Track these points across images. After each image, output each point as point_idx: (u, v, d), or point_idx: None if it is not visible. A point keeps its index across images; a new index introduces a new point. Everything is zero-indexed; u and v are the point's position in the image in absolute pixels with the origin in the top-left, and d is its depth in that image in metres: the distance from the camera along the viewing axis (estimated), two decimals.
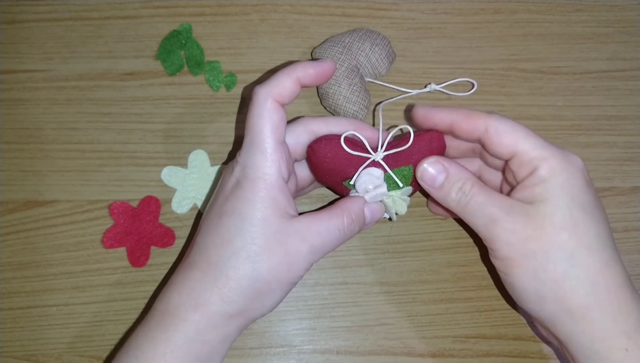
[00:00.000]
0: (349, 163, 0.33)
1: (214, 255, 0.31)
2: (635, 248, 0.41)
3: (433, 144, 0.33)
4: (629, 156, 0.42)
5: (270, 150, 0.30)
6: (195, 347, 0.30)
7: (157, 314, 0.31)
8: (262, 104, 0.31)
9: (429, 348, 0.39)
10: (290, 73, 0.31)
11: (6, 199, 0.39)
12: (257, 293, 0.30)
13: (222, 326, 0.30)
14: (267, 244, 0.30)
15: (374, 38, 0.39)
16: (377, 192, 0.33)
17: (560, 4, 0.44)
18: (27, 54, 0.41)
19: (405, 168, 0.33)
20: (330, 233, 0.32)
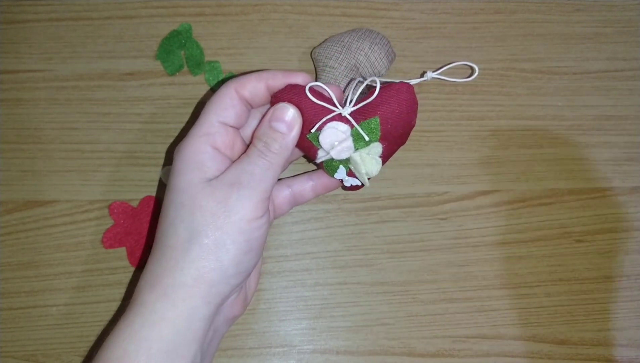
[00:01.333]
0: (314, 113, 0.32)
1: (157, 236, 0.31)
2: (635, 248, 0.41)
3: (401, 95, 0.32)
4: (629, 156, 0.42)
5: (207, 126, 0.31)
6: (154, 330, 0.28)
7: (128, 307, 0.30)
8: (221, 89, 0.32)
9: (429, 348, 0.39)
10: (260, 73, 0.32)
11: (6, 199, 0.39)
12: (200, 249, 0.29)
13: (181, 300, 0.29)
14: (194, 202, 0.30)
15: (374, 37, 0.39)
16: (343, 146, 0.32)
17: (560, 4, 0.44)
18: (27, 54, 0.41)
19: (372, 120, 0.32)
20: (252, 163, 0.31)
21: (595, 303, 0.40)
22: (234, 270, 0.30)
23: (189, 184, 0.30)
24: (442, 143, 0.41)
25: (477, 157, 0.41)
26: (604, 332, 0.40)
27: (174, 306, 0.29)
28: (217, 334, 0.32)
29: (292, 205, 0.37)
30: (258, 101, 0.33)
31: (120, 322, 0.29)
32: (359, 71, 0.39)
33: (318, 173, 0.37)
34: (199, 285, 0.29)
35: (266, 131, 0.32)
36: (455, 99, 0.42)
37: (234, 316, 0.33)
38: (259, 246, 0.31)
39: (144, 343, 0.28)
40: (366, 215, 0.40)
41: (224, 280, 0.30)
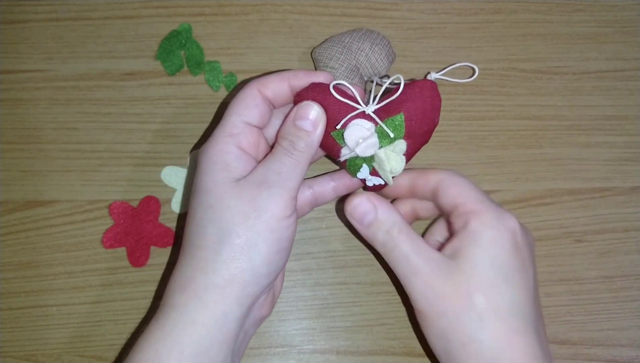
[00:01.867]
0: (337, 111, 0.32)
1: (186, 237, 0.31)
2: (635, 248, 0.41)
3: (425, 92, 0.32)
4: (629, 156, 0.42)
5: (230, 126, 0.31)
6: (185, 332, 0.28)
7: (158, 309, 0.30)
8: (243, 89, 0.32)
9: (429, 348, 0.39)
10: (282, 73, 0.32)
11: (6, 199, 0.39)
12: (231, 250, 0.29)
13: (213, 302, 0.29)
14: (222, 202, 0.29)
15: (374, 38, 0.39)
16: (367, 143, 0.32)
17: (560, 4, 0.44)
18: (27, 54, 0.41)
19: (397, 116, 0.32)
20: (278, 161, 0.31)
21: (595, 303, 0.40)
22: (266, 270, 0.30)
23: (216, 184, 0.30)
24: (442, 143, 0.41)
25: (477, 157, 0.41)
26: (604, 332, 0.40)
27: (206, 308, 0.29)
28: (246, 336, 0.32)
29: (313, 206, 0.37)
30: (281, 101, 0.33)
31: (151, 324, 0.29)
32: (359, 71, 0.39)
33: (339, 174, 0.36)
34: (231, 286, 0.29)
35: (291, 130, 0.31)
36: (455, 99, 0.42)
37: (262, 317, 0.33)
38: (289, 246, 0.31)
39: (175, 346, 0.28)
40: None
41: (256, 280, 0.30)
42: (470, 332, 0.29)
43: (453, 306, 0.30)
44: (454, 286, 0.30)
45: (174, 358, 0.28)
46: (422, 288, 0.31)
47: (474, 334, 0.29)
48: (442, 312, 0.30)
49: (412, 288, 0.31)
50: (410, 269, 0.31)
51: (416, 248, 0.31)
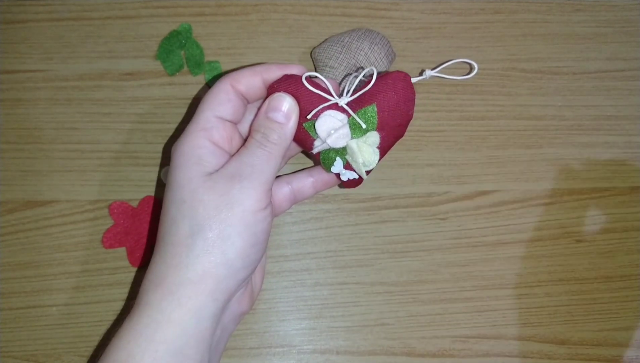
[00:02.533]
0: (310, 103, 0.32)
1: (159, 235, 0.31)
2: (635, 248, 0.41)
3: (398, 83, 0.32)
4: (629, 156, 0.42)
5: (203, 121, 0.31)
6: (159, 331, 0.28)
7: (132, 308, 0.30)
8: (216, 84, 0.32)
9: (429, 348, 0.39)
10: (255, 67, 0.32)
11: (6, 199, 0.39)
12: (204, 244, 0.29)
13: (187, 298, 0.28)
14: (195, 196, 0.29)
15: (373, 37, 0.39)
16: (339, 133, 0.32)
17: (560, 4, 0.44)
18: (27, 54, 0.41)
19: (369, 107, 0.31)
20: (251, 154, 0.30)
21: (595, 303, 0.40)
22: (241, 264, 0.29)
23: (189, 179, 0.30)
24: (442, 143, 0.41)
25: (477, 157, 0.41)
26: (604, 332, 0.40)
27: (180, 305, 0.28)
28: (225, 332, 0.32)
29: (292, 202, 0.37)
30: (254, 95, 0.33)
31: (124, 324, 0.29)
32: (359, 71, 0.39)
33: (317, 169, 0.36)
34: (205, 281, 0.28)
35: (263, 122, 0.31)
36: (455, 99, 0.42)
37: (242, 312, 0.33)
38: (264, 239, 0.31)
39: (149, 345, 0.27)
40: (366, 215, 0.40)
41: (230, 275, 0.29)
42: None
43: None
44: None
45: (147, 358, 0.27)
46: None
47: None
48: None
49: None
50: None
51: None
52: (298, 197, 0.37)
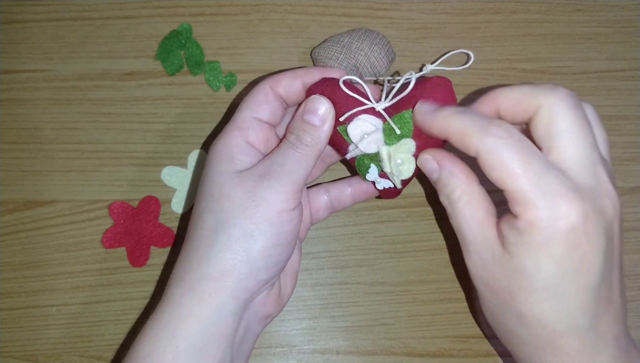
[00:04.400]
0: (347, 107, 0.31)
1: (188, 229, 0.31)
2: (635, 248, 0.41)
3: (438, 89, 0.30)
4: (629, 156, 0.42)
5: (240, 121, 0.31)
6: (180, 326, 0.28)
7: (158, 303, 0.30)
8: (256, 86, 0.32)
9: (429, 348, 0.39)
10: (295, 70, 0.32)
11: (6, 199, 0.39)
12: (227, 240, 0.28)
13: (208, 295, 0.28)
14: (222, 192, 0.29)
15: (373, 37, 0.39)
16: (371, 138, 0.31)
17: (560, 4, 0.44)
18: (27, 54, 0.41)
19: (405, 113, 0.30)
20: (283, 154, 0.30)
21: None
22: (263, 264, 0.29)
23: (218, 175, 0.30)
24: None
25: None
26: None
27: (201, 301, 0.28)
28: (249, 333, 0.31)
29: (329, 211, 0.36)
30: (293, 98, 0.32)
31: (149, 319, 0.29)
32: (358, 70, 0.39)
33: (356, 179, 0.36)
34: (226, 278, 0.28)
35: (298, 124, 0.31)
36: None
37: (267, 314, 0.32)
38: (290, 241, 0.30)
39: (171, 341, 0.28)
40: (366, 215, 0.40)
41: (252, 274, 0.29)
42: (519, 332, 0.28)
43: (499, 297, 0.28)
44: (506, 280, 0.28)
45: (169, 354, 0.27)
46: (476, 264, 0.29)
47: (520, 333, 0.28)
48: (495, 295, 0.29)
49: (466, 258, 0.30)
50: (463, 242, 0.30)
51: (472, 222, 0.29)
52: (336, 206, 0.36)
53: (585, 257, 0.26)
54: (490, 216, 0.29)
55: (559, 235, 0.26)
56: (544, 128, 0.27)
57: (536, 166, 0.26)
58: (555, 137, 0.27)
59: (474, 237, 0.29)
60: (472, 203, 0.29)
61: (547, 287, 0.27)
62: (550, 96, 0.27)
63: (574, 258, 0.26)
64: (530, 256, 0.26)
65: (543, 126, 0.27)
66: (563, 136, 0.27)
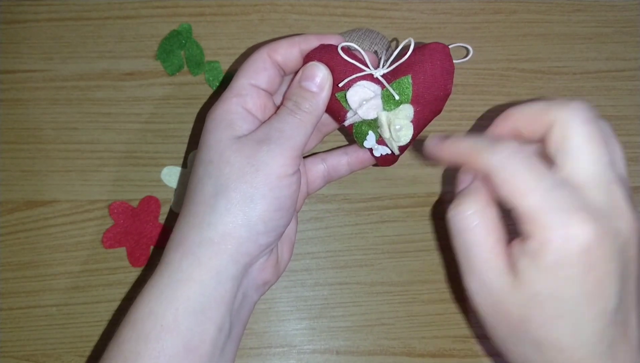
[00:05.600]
0: (345, 73, 0.31)
1: (186, 196, 0.31)
2: None
3: (436, 54, 0.30)
4: (629, 156, 0.42)
5: (238, 88, 0.31)
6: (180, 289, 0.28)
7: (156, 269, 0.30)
8: (253, 54, 0.32)
9: (429, 348, 0.39)
10: (293, 37, 0.32)
11: (6, 199, 0.39)
12: (227, 203, 0.28)
13: (207, 258, 0.28)
14: (222, 157, 0.29)
15: (373, 37, 0.39)
16: (370, 104, 0.31)
17: (560, 4, 0.44)
18: (27, 54, 0.41)
19: (404, 79, 0.30)
20: (281, 120, 0.30)
21: None
22: (263, 228, 0.29)
23: (217, 141, 0.30)
24: None
25: None
26: None
27: (200, 264, 0.28)
28: (247, 300, 0.31)
29: (326, 180, 0.36)
30: (291, 66, 0.32)
31: (147, 283, 0.29)
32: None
33: (353, 147, 0.36)
34: (226, 241, 0.28)
35: (296, 90, 0.31)
36: (455, 99, 0.42)
37: (265, 281, 0.32)
38: (290, 206, 0.30)
39: (171, 303, 0.28)
40: (366, 215, 0.40)
41: (252, 238, 0.29)
42: (534, 358, 0.27)
43: (510, 325, 0.27)
44: (513, 305, 0.27)
45: (168, 316, 0.27)
46: (482, 292, 0.28)
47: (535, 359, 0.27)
48: (498, 320, 0.28)
49: (470, 284, 0.29)
50: (469, 268, 0.28)
51: (482, 247, 0.28)
52: (333, 175, 0.36)
53: (600, 280, 0.25)
54: (500, 242, 0.28)
55: (572, 256, 0.25)
56: (557, 143, 0.27)
57: (547, 181, 0.25)
58: (569, 152, 0.26)
59: (482, 264, 0.28)
60: (487, 227, 0.28)
61: (562, 313, 0.26)
62: (564, 110, 0.27)
63: (588, 281, 0.25)
64: (544, 281, 0.26)
65: (556, 141, 0.27)
66: (576, 152, 0.26)
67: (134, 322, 0.28)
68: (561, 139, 0.26)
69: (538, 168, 0.26)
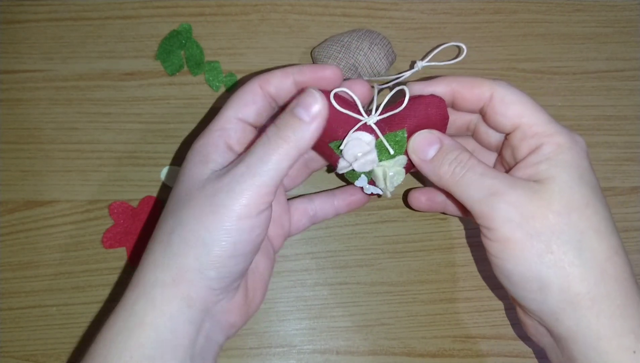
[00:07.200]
0: (337, 121, 0.30)
1: (153, 232, 0.29)
2: (635, 248, 0.41)
3: (431, 109, 0.30)
4: (629, 156, 0.42)
5: (223, 121, 0.29)
6: (133, 335, 0.27)
7: (112, 310, 0.29)
8: (245, 85, 0.30)
9: (429, 348, 0.39)
10: (286, 68, 0.30)
11: (6, 199, 0.39)
12: (180, 244, 0.27)
13: (160, 301, 0.27)
14: (188, 195, 0.28)
15: (374, 38, 0.39)
16: (365, 159, 0.30)
17: (560, 4, 0.44)
18: (27, 54, 0.41)
19: (399, 133, 0.30)
20: (252, 153, 0.27)
21: None
22: (215, 274, 0.27)
23: (189, 176, 0.28)
24: None
25: None
26: None
27: (154, 307, 0.27)
28: (211, 343, 0.29)
29: (311, 222, 0.36)
30: (284, 97, 0.30)
31: (105, 323, 0.28)
32: (357, 70, 0.39)
33: (341, 191, 0.36)
34: (178, 284, 0.27)
35: (284, 117, 0.28)
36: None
37: (231, 324, 0.30)
38: (249, 251, 0.28)
39: (123, 352, 0.26)
40: (366, 215, 0.40)
41: (203, 283, 0.27)
42: (571, 253, 0.27)
43: (547, 227, 0.27)
44: (546, 206, 0.27)
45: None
46: (505, 210, 0.27)
47: (576, 255, 0.27)
48: (534, 234, 0.27)
49: (493, 213, 0.28)
50: (489, 191, 0.28)
51: (491, 170, 0.29)
52: (320, 217, 0.36)
53: (593, 176, 0.29)
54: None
55: (583, 154, 0.29)
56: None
57: (541, 107, 0.30)
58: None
59: (501, 181, 0.28)
60: (481, 161, 0.30)
61: (582, 204, 0.28)
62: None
63: (595, 176, 0.29)
64: (568, 175, 0.28)
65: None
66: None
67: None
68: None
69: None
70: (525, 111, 0.29)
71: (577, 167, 0.28)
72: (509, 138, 0.31)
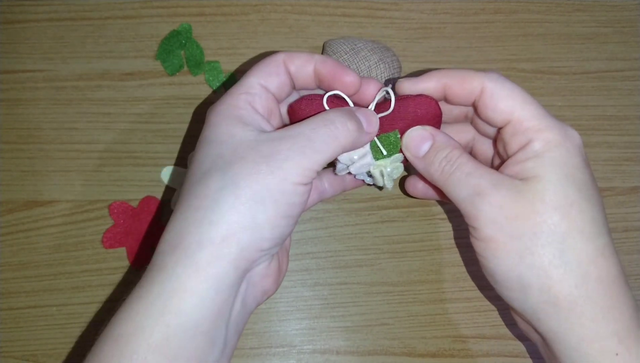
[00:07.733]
0: None
1: (184, 190, 0.28)
2: (635, 248, 0.41)
3: (420, 110, 0.31)
4: (629, 156, 0.42)
5: (247, 86, 0.29)
6: (173, 300, 0.25)
7: (144, 273, 0.27)
8: (269, 56, 0.30)
9: (429, 348, 0.39)
10: (312, 53, 0.31)
11: (6, 199, 0.39)
12: (234, 201, 0.26)
13: (206, 263, 0.25)
14: (235, 153, 0.27)
15: (385, 55, 0.39)
16: (361, 163, 0.31)
17: (560, 4, 0.44)
18: (27, 54, 0.41)
19: (392, 134, 0.31)
20: (314, 130, 0.28)
21: None
22: (269, 233, 0.26)
23: (230, 135, 0.27)
24: None
25: None
26: None
27: (198, 270, 0.25)
28: (245, 309, 0.28)
29: (321, 196, 0.36)
30: (302, 81, 0.30)
31: (133, 292, 0.26)
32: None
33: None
34: (228, 243, 0.25)
35: (366, 112, 0.30)
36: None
37: (265, 290, 0.29)
38: (297, 215, 0.28)
39: (161, 318, 0.24)
40: (366, 215, 0.40)
41: (256, 243, 0.26)
42: (552, 254, 0.27)
43: (529, 228, 0.27)
44: (527, 207, 0.27)
45: (158, 332, 0.24)
46: (489, 210, 0.27)
47: (557, 257, 0.26)
48: (516, 235, 0.27)
49: (477, 212, 0.28)
50: (474, 190, 0.28)
51: (479, 169, 0.29)
52: (328, 192, 0.36)
53: (592, 175, 0.29)
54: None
55: (574, 151, 0.28)
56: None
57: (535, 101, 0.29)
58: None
59: (487, 180, 0.28)
60: (472, 158, 0.30)
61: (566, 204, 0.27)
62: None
63: (588, 173, 0.28)
64: (554, 174, 0.27)
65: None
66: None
67: (118, 338, 0.25)
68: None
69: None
70: (516, 106, 0.29)
71: (565, 165, 0.28)
72: (501, 132, 0.30)
